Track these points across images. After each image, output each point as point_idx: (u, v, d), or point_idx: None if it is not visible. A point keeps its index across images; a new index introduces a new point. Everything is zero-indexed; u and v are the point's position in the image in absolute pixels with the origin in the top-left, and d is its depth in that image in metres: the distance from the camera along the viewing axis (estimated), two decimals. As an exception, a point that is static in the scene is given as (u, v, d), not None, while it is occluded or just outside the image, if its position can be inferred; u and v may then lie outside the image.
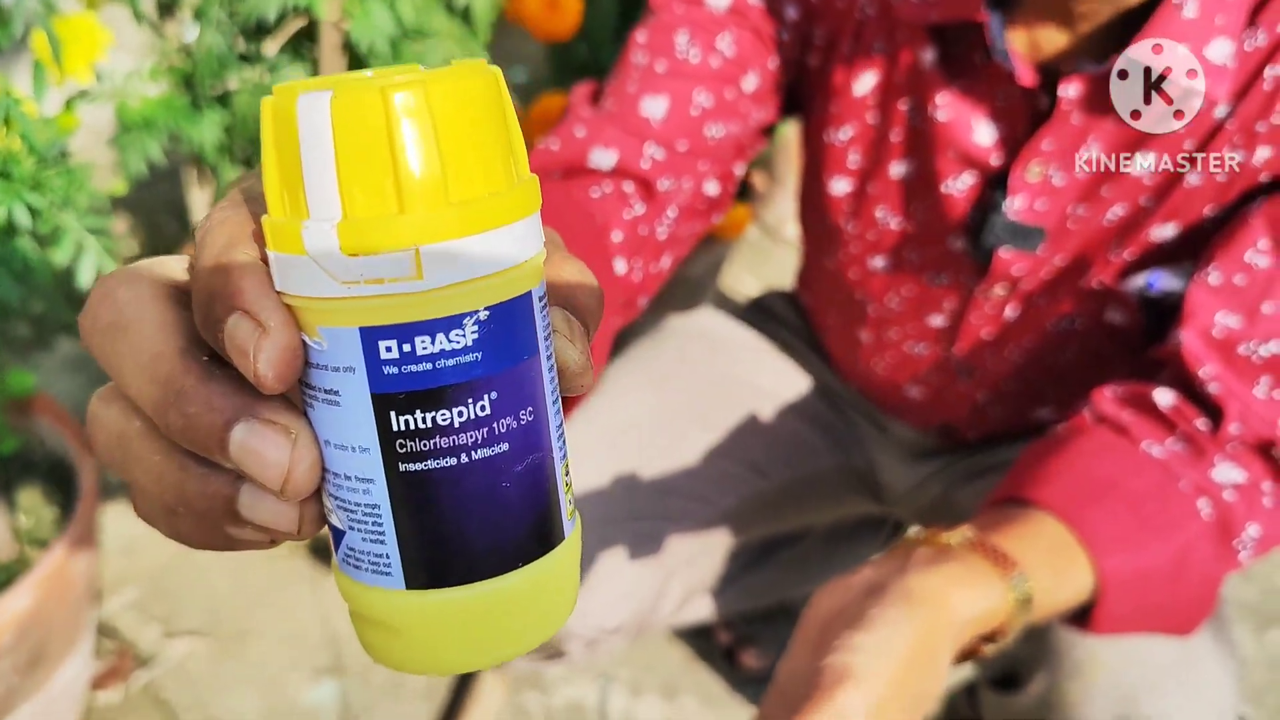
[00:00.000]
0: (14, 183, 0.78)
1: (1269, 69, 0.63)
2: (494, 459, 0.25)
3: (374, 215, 0.23)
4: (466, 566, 0.26)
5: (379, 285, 0.23)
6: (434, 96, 0.23)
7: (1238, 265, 0.66)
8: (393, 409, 0.24)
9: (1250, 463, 0.65)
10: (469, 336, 0.24)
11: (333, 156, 0.23)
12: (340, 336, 0.24)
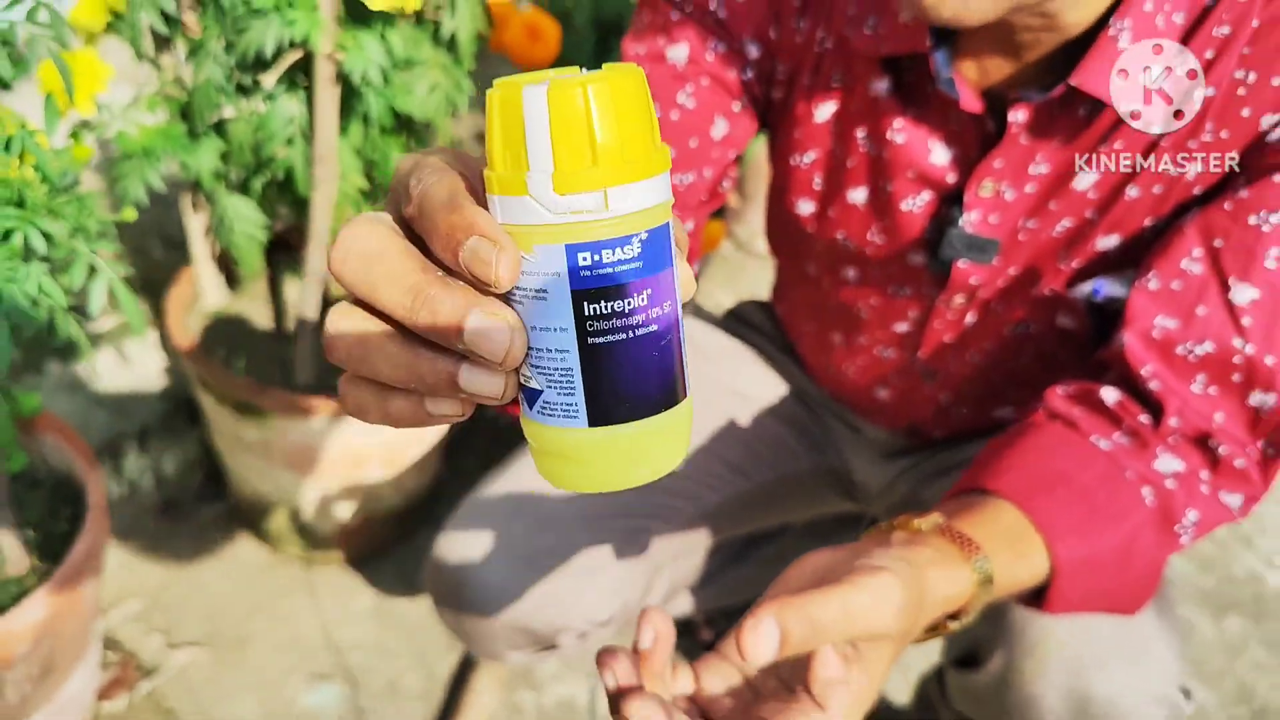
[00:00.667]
0: (28, 210, 0.83)
1: (1198, 91, 0.69)
2: (649, 335, 0.36)
3: (577, 168, 0.34)
4: (630, 409, 0.37)
5: (579, 215, 0.34)
6: (611, 89, 0.34)
7: (1174, 272, 0.72)
8: (585, 300, 0.35)
9: (1189, 454, 0.71)
10: (635, 249, 0.35)
11: (548, 129, 0.33)
12: (550, 251, 0.35)
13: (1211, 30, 0.68)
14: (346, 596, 1.37)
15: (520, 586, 0.91)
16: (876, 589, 0.51)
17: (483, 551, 0.92)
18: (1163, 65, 0.68)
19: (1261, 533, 1.68)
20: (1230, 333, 0.70)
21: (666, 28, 0.78)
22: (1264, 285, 0.69)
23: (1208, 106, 0.69)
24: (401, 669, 1.29)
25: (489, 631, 0.93)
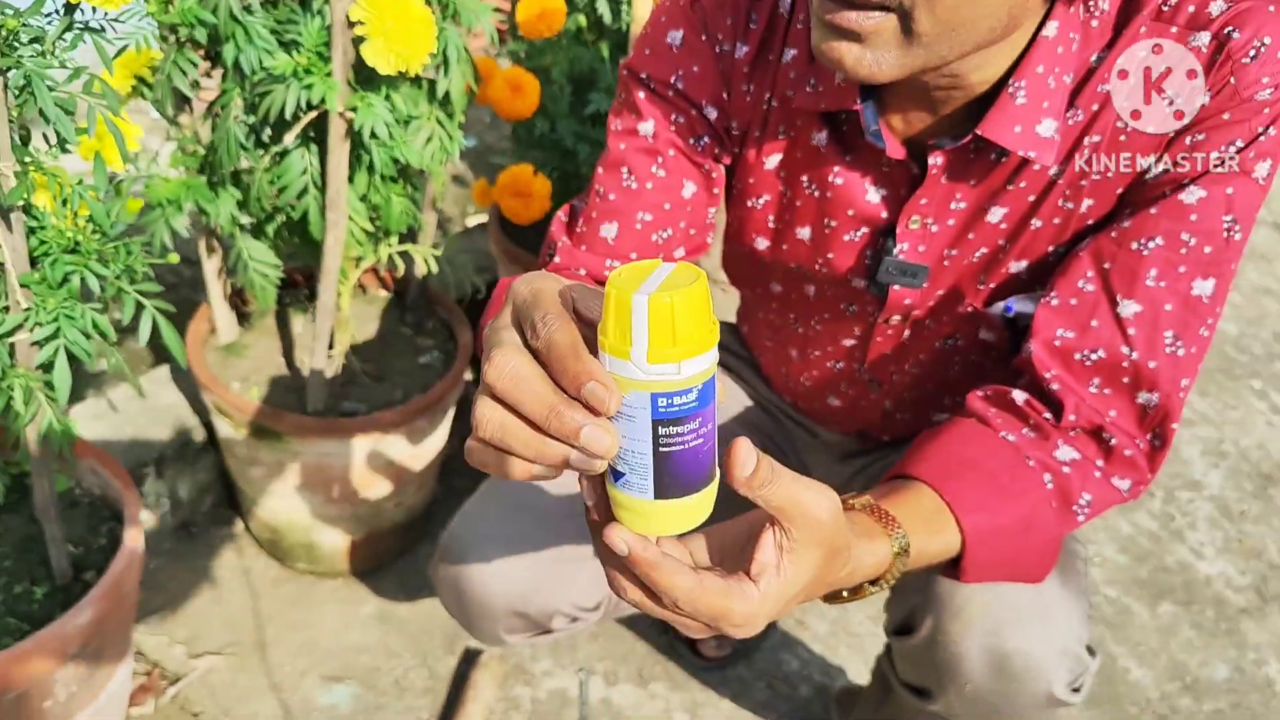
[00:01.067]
0: (82, 256, 0.94)
1: (1087, 138, 0.83)
2: (695, 446, 0.53)
3: (661, 349, 0.50)
4: (680, 490, 0.54)
5: (661, 376, 0.50)
6: (686, 299, 0.49)
7: (1072, 291, 0.85)
8: (659, 425, 0.52)
9: (1085, 445, 0.84)
10: (694, 396, 0.51)
11: (646, 326, 0.49)
12: (640, 395, 0.51)
13: (1096, 88, 0.82)
14: (353, 605, 1.48)
15: (517, 575, 1.02)
16: (821, 489, 0.62)
17: (485, 545, 1.04)
18: (1059, 120, 0.81)
19: (1191, 528, 1.83)
20: (1119, 341, 0.83)
21: (636, 106, 0.92)
22: (1145, 301, 0.82)
23: (1095, 151, 0.83)
24: (407, 668, 1.40)
25: (490, 615, 1.05)
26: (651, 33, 0.92)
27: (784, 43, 0.88)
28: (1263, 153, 0.80)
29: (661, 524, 0.56)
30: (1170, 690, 1.54)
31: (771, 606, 0.62)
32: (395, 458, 1.38)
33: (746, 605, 0.61)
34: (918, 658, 0.95)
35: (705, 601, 0.59)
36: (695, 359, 0.51)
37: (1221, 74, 0.78)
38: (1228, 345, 2.34)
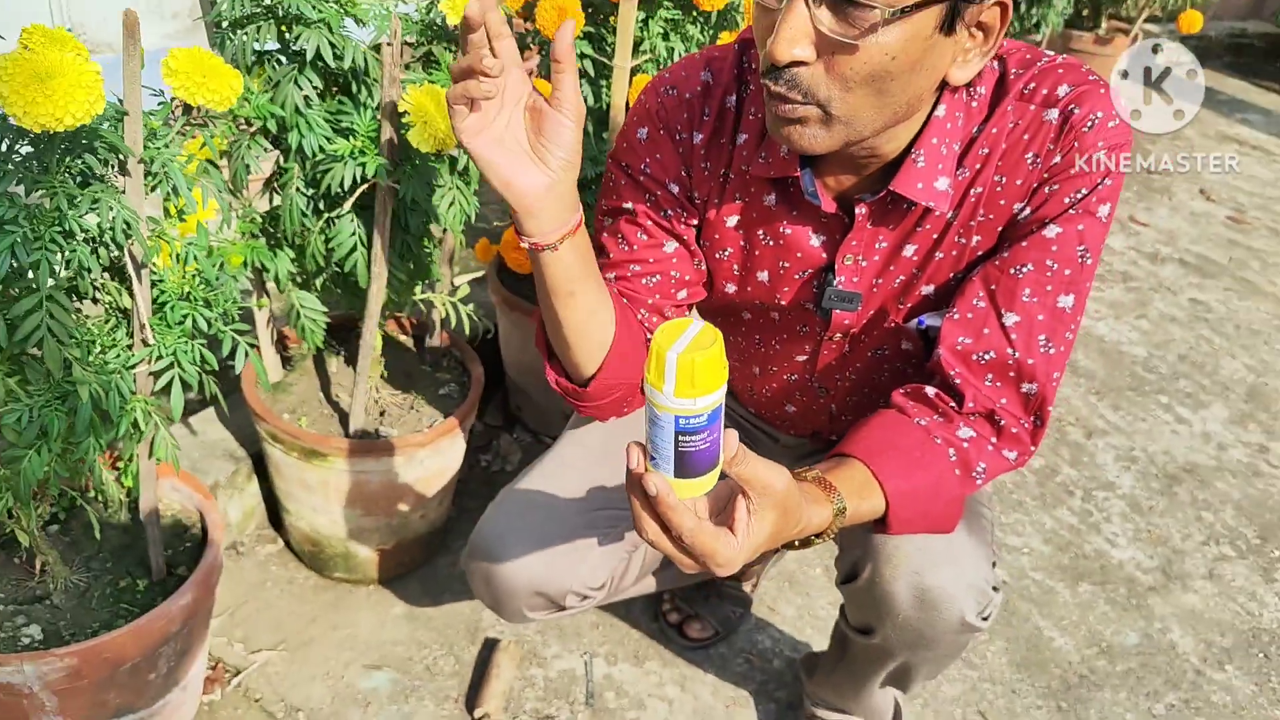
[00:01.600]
0: (193, 302, 1.19)
1: (972, 190, 1.10)
2: (703, 449, 0.78)
3: (685, 390, 0.74)
4: (690, 473, 0.80)
5: (682, 405, 0.75)
6: (705, 358, 0.73)
7: (968, 307, 1.12)
8: (679, 435, 0.77)
9: (981, 426, 1.10)
10: (704, 418, 0.76)
11: (675, 374, 0.73)
12: (668, 416, 0.76)
13: (977, 152, 1.09)
14: (385, 606, 1.70)
15: (535, 561, 1.26)
16: (778, 469, 0.88)
17: (507, 538, 1.28)
18: (950, 179, 1.08)
19: (1106, 521, 2.10)
20: (1005, 345, 1.10)
21: (618, 189, 1.18)
22: (1023, 313, 1.09)
23: (979, 200, 1.10)
24: (435, 656, 1.63)
25: (515, 596, 1.28)
26: (626, 131, 1.19)
27: (736, 129, 1.14)
28: (1102, 198, 1.07)
29: (677, 493, 0.82)
30: (1089, 654, 1.79)
31: (745, 553, 0.88)
32: (421, 475, 1.61)
33: (728, 550, 0.86)
34: (861, 600, 1.20)
35: (700, 540, 0.84)
36: (707, 397, 0.76)
37: (1068, 140, 1.06)
38: (1138, 366, 2.64)
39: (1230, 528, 2.13)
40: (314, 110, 1.32)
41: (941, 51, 0.95)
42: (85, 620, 1.28)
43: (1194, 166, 3.63)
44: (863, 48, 0.90)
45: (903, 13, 0.88)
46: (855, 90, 0.93)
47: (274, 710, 1.52)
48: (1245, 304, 3.01)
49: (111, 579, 1.34)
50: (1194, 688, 1.75)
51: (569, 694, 1.60)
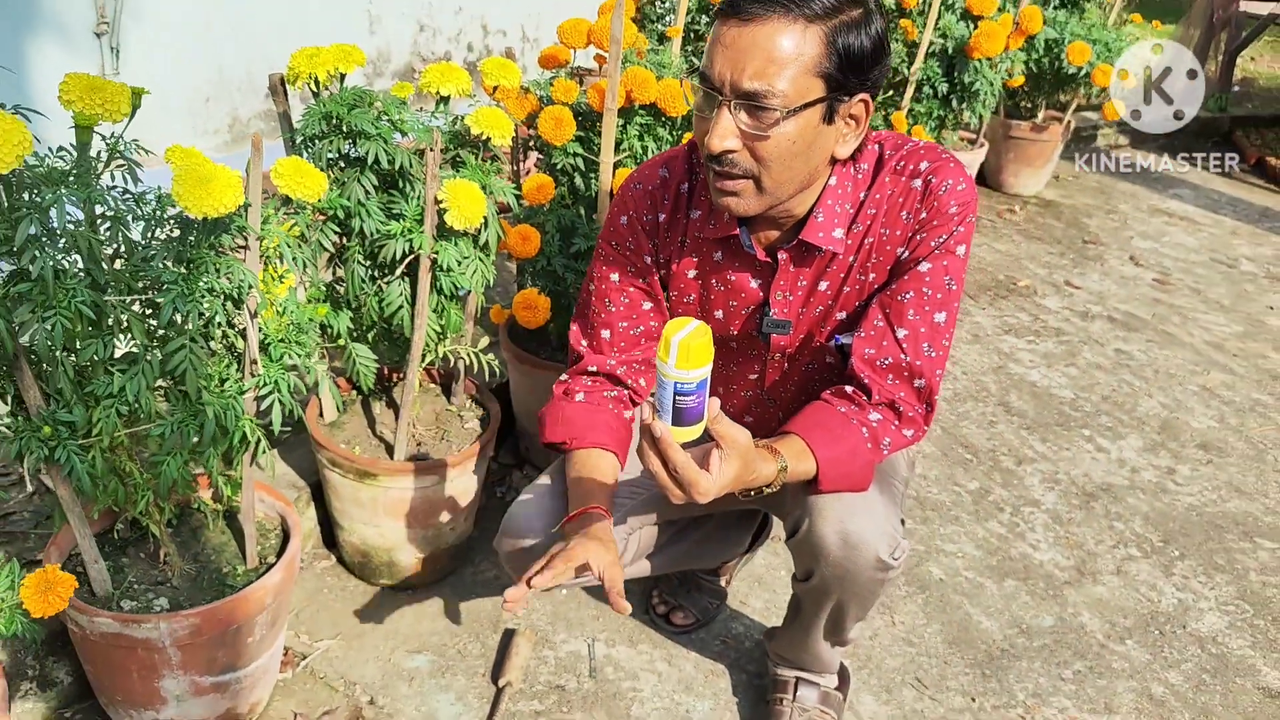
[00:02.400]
0: (287, 343, 1.57)
1: (865, 240, 1.50)
2: (693, 406, 1.20)
3: (684, 365, 1.16)
4: (684, 424, 1.21)
5: (680, 374, 1.16)
6: (698, 344, 1.15)
7: (870, 327, 1.51)
8: (676, 394, 1.18)
9: (885, 412, 1.49)
10: (695, 384, 1.17)
11: (676, 353, 1.15)
12: (669, 382, 1.17)
13: (866, 212, 1.49)
14: (422, 605, 2.06)
15: (552, 538, 1.63)
16: (742, 430, 1.27)
17: (530, 521, 1.65)
18: (844, 230, 1.49)
19: (1031, 531, 2.46)
20: (899, 353, 1.49)
21: (607, 259, 1.59)
22: (910, 328, 1.48)
23: (871, 247, 1.51)
24: (465, 643, 1.98)
25: (535, 564, 1.65)
26: (611, 218, 1.60)
27: (689, 207, 1.55)
28: (958, 240, 1.47)
29: (673, 437, 1.20)
30: (1010, 634, 2.14)
31: (717, 486, 1.27)
32: (452, 491, 1.99)
33: (705, 481, 1.25)
34: (801, 549, 1.56)
35: (687, 471, 1.23)
36: (697, 370, 1.15)
37: (929, 201, 1.46)
38: (1065, 406, 3.03)
39: (1138, 534, 2.49)
40: (371, 201, 1.74)
41: (827, 135, 1.36)
42: (198, 598, 1.64)
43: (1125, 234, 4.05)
44: (772, 136, 1.31)
45: (794, 112, 1.29)
46: (772, 166, 1.34)
47: (335, 685, 1.87)
48: (1165, 352, 3.41)
49: (215, 567, 1.70)
50: (1098, 657, 2.10)
51: (575, 669, 1.95)
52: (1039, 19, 3.49)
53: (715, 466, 1.27)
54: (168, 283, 1.36)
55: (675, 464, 1.22)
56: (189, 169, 1.33)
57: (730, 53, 1.29)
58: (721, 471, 1.27)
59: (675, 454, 1.22)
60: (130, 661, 1.56)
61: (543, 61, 2.28)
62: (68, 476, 1.43)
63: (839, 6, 1.28)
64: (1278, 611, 2.27)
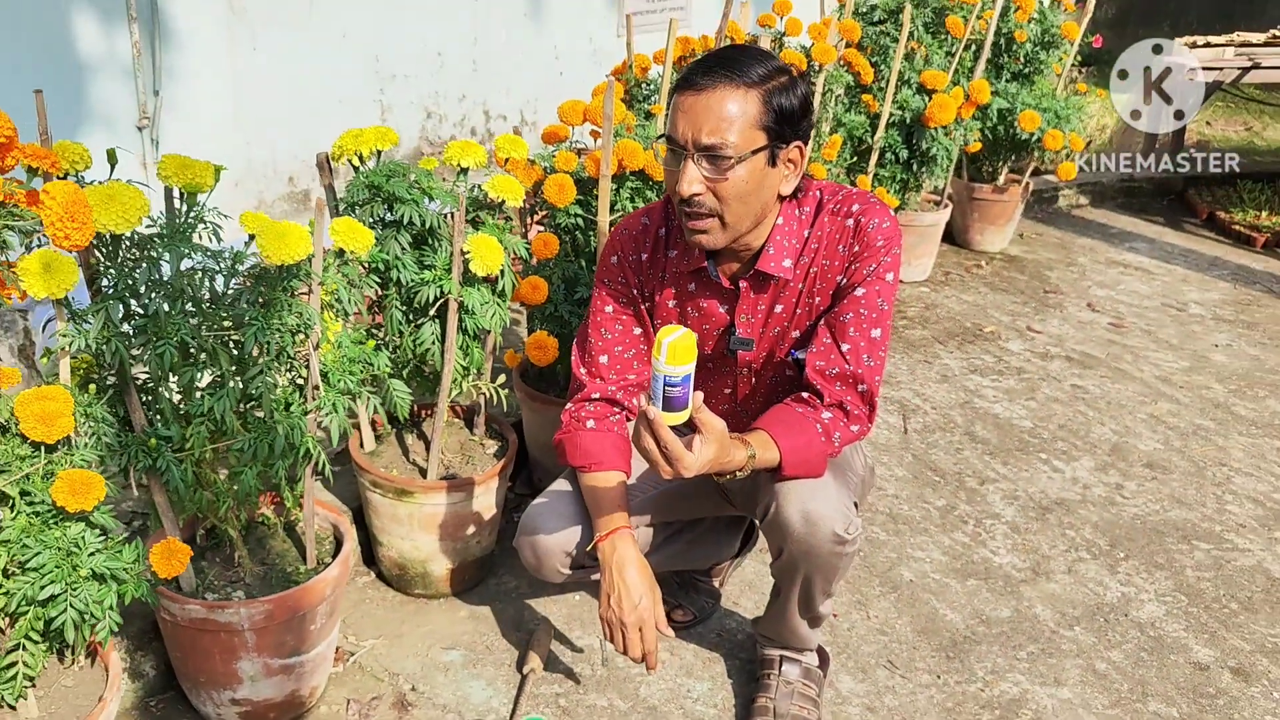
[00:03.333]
0: (342, 374, 1.89)
1: (811, 270, 1.83)
2: (679, 395, 1.52)
3: (672, 362, 1.49)
4: (672, 410, 1.54)
5: (669, 371, 1.49)
6: (685, 346, 1.48)
7: (820, 343, 1.83)
8: (665, 386, 1.51)
9: (835, 412, 1.80)
10: (680, 379, 1.51)
11: (666, 353, 1.48)
12: (659, 376, 1.50)
13: (810, 245, 1.83)
14: (454, 610, 2.35)
15: (563, 531, 1.93)
16: (719, 420, 1.59)
17: (545, 519, 1.95)
18: (793, 261, 1.82)
19: (991, 539, 2.76)
20: (843, 363, 1.81)
21: (601, 295, 1.93)
22: (851, 343, 1.80)
23: (816, 275, 1.84)
24: (492, 640, 2.26)
25: (550, 556, 1.95)
26: (602, 259, 1.95)
27: (667, 248, 1.89)
28: (886, 268, 1.80)
29: (663, 420, 1.50)
30: (972, 623, 2.42)
31: (698, 464, 1.58)
32: (477, 507, 2.29)
33: (688, 458, 1.57)
34: (771, 529, 1.86)
35: (674, 448, 1.54)
36: (682, 366, 1.46)
37: (860, 237, 1.80)
38: (1024, 434, 3.34)
39: (1088, 540, 2.78)
40: (407, 255, 2.07)
41: (772, 176, 1.70)
42: (268, 593, 1.93)
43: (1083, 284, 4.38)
44: (729, 179, 1.65)
45: (744, 158, 1.64)
46: (732, 203, 1.68)
47: (380, 676, 2.15)
48: (1117, 386, 3.73)
49: (280, 568, 2.00)
50: (1049, 641, 2.38)
51: (590, 660, 2.23)
52: (986, 91, 3.88)
53: (696, 447, 1.58)
54: (250, 319, 1.69)
55: (665, 442, 1.54)
56: (269, 226, 1.67)
57: (689, 116, 1.63)
58: (701, 452, 1.58)
59: (665, 434, 1.53)
60: (214, 645, 1.85)
61: (545, 138, 2.64)
62: (164, 484, 1.74)
63: (770, 75, 1.64)
64: (1209, 600, 2.55)
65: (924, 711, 2.14)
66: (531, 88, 4.99)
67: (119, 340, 1.57)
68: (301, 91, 4.05)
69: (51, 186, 1.32)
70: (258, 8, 3.86)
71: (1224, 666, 2.32)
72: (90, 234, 1.36)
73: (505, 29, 4.83)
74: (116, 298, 1.57)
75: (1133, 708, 2.18)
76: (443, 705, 2.08)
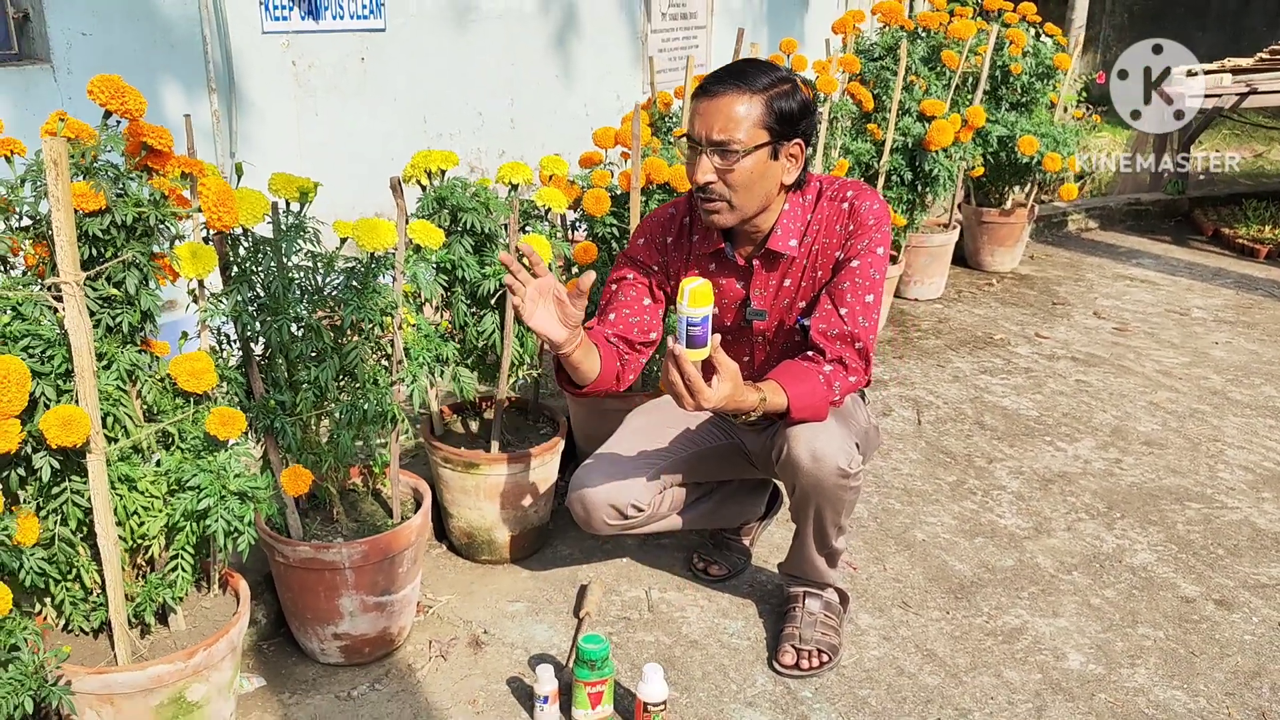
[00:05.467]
0: (430, 346, 2.25)
1: (814, 248, 2.18)
2: (700, 334, 1.85)
3: (694, 305, 1.83)
4: (694, 347, 1.86)
5: (691, 312, 1.83)
6: (702, 291, 1.82)
7: (821, 309, 2.16)
8: (689, 325, 1.84)
9: (835, 366, 2.12)
10: (700, 319, 1.84)
11: (688, 297, 1.82)
12: (683, 316, 1.83)
13: (812, 227, 2.18)
14: (516, 572, 2.67)
15: (609, 485, 2.27)
16: (732, 362, 1.92)
17: (593, 477, 2.29)
18: (798, 240, 2.16)
19: (998, 506, 3.04)
20: (842, 325, 2.14)
21: (625, 266, 2.28)
22: (848, 307, 2.14)
23: (817, 252, 2.18)
24: (551, 594, 2.58)
25: (598, 507, 2.27)
26: (632, 239, 2.31)
27: (690, 233, 2.25)
28: (877, 243, 2.14)
29: (687, 356, 1.83)
30: (978, 571, 2.71)
31: (715, 398, 1.91)
32: (535, 478, 2.62)
33: (707, 390, 1.90)
34: (784, 469, 2.17)
35: (695, 381, 1.88)
36: (701, 309, 1.80)
37: (855, 217, 2.14)
38: (1030, 421, 3.62)
39: (1087, 504, 3.06)
40: (470, 256, 2.44)
41: (775, 168, 2.05)
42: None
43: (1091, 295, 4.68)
44: (736, 169, 2.00)
45: (749, 152, 1.99)
46: (739, 190, 2.03)
47: (456, 623, 2.47)
48: (1120, 380, 4.01)
49: (370, 523, 2.34)
50: (1049, 583, 2.66)
51: (637, 607, 2.54)
52: (982, 115, 4.24)
53: (714, 383, 1.91)
54: (348, 300, 2.06)
55: (688, 375, 1.87)
56: (361, 222, 2.04)
57: (703, 117, 1.99)
58: (718, 388, 1.91)
59: (688, 367, 1.86)
60: (319, 583, 2.19)
61: (581, 162, 3.03)
62: (278, 443, 2.09)
63: (773, 83, 2.00)
64: (1198, 548, 2.82)
65: (934, 639, 2.42)
66: (563, 141, 5.42)
67: (247, 315, 1.94)
68: (358, 151, 4.48)
69: (207, 180, 1.70)
70: (320, 79, 4.32)
71: (1209, 599, 2.59)
72: (236, 217, 1.73)
73: (539, 89, 5.28)
74: (244, 279, 1.94)
75: (1123, 632, 2.45)
76: (511, 643, 2.39)
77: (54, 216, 1.47)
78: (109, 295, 1.69)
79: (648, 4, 5.76)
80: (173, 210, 1.72)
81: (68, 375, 1.64)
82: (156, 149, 1.70)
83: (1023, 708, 2.19)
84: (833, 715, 2.16)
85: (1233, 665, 2.34)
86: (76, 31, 3.60)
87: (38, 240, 1.71)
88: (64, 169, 1.45)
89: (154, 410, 1.82)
